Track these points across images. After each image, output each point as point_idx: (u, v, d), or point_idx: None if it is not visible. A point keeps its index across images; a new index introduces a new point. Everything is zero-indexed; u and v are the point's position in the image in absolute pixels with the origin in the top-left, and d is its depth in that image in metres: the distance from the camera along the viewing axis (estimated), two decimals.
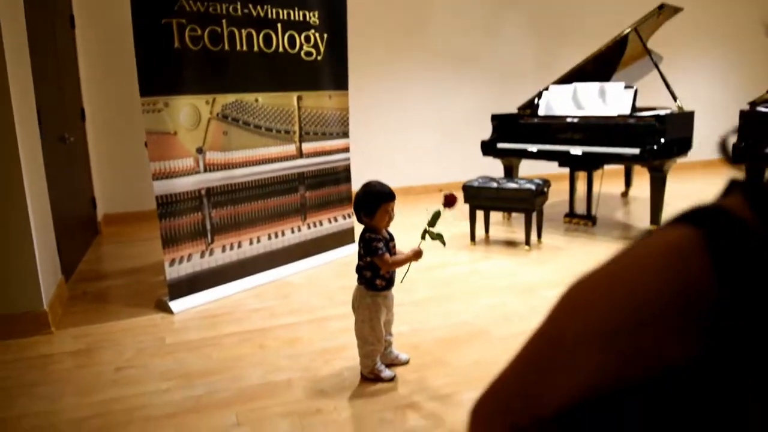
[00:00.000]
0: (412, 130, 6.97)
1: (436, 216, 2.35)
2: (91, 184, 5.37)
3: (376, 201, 2.32)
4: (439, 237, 2.33)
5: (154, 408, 2.31)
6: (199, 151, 3.45)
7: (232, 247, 3.68)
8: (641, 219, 5.25)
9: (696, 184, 7.06)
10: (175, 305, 3.34)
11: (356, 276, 2.43)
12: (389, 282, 2.39)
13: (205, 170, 3.49)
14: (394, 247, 2.41)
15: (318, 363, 2.64)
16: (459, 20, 6.99)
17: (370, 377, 2.44)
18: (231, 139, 3.61)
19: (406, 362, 2.59)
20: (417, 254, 2.32)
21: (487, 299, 3.37)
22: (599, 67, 5.18)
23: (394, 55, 6.77)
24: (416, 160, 7.01)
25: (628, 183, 6.37)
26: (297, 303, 3.42)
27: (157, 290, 3.58)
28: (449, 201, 2.38)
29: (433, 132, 7.08)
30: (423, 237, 2.33)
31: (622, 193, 6.41)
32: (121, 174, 5.69)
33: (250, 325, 3.11)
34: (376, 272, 2.35)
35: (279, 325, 3.09)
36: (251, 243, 3.79)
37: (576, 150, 4.65)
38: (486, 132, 5.32)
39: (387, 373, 2.44)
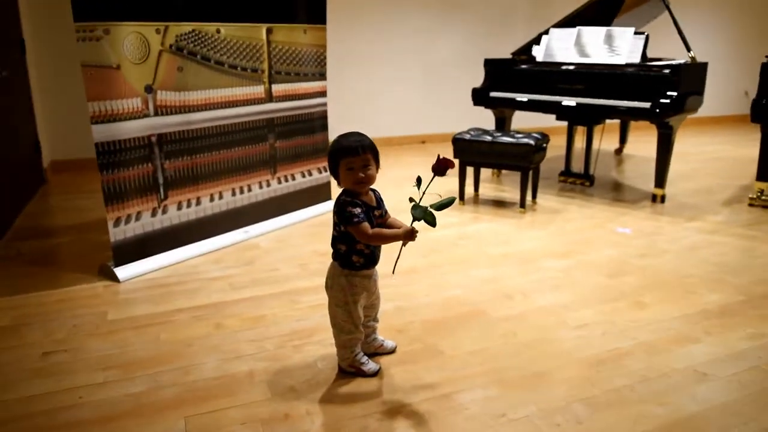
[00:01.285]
0: (392, 73, 6.40)
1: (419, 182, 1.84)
2: (34, 126, 4.75)
3: (333, 157, 1.87)
4: (427, 216, 1.80)
5: (85, 409, 1.86)
6: (148, 89, 2.90)
7: (189, 204, 3.18)
8: (641, 179, 4.87)
9: (702, 143, 6.72)
10: (121, 272, 2.86)
11: (330, 250, 1.98)
12: (370, 259, 1.94)
13: (156, 113, 2.95)
14: (382, 217, 1.95)
15: (287, 349, 2.21)
16: None
17: (349, 371, 2.03)
18: (187, 76, 3.06)
19: (393, 351, 2.18)
20: (409, 234, 1.84)
21: (481, 270, 2.96)
22: (600, 8, 4.68)
23: None
24: (397, 109, 6.48)
25: (623, 139, 5.99)
26: (263, 271, 2.97)
27: (104, 252, 3.09)
28: (441, 167, 1.85)
29: (416, 77, 6.53)
30: (413, 213, 1.85)
31: (616, 150, 6.03)
32: (72, 116, 5.06)
33: (206, 298, 2.66)
34: (353, 246, 1.90)
35: (240, 299, 2.64)
36: (212, 199, 3.29)
37: (577, 102, 4.20)
38: (473, 80, 4.83)
39: (370, 366, 2.03)
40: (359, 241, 1.88)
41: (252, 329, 2.37)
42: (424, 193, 1.82)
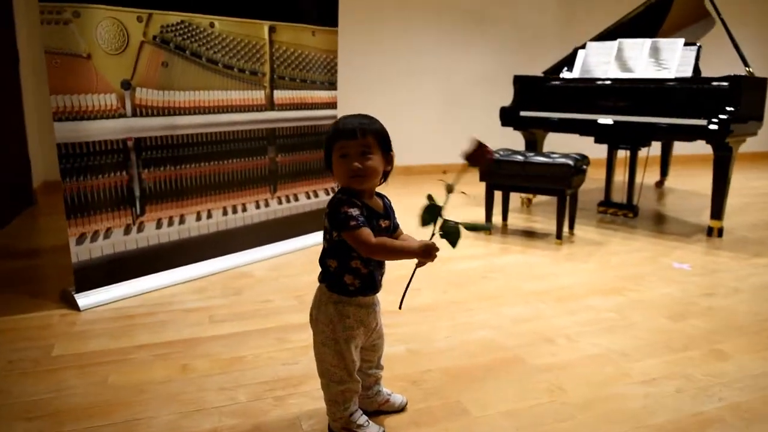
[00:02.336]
0: (410, 94, 5.98)
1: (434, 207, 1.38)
2: (24, 144, 4.39)
3: (327, 143, 1.41)
4: (450, 233, 1.35)
5: None
6: (126, 85, 2.49)
7: (171, 223, 2.73)
8: (689, 212, 4.33)
9: (748, 178, 6.13)
10: (83, 299, 2.40)
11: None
12: (368, 282, 1.44)
13: (135, 113, 2.53)
14: (390, 231, 1.46)
15: (264, 402, 1.70)
16: None
17: None
18: (173, 73, 2.65)
19: (403, 408, 1.66)
20: (427, 250, 1.34)
21: (513, 308, 2.44)
22: (641, 22, 4.24)
23: (391, 6, 5.79)
24: (416, 134, 6.04)
25: (664, 172, 5.45)
26: (250, 302, 2.48)
27: (71, 277, 2.63)
28: (478, 156, 1.40)
29: (437, 99, 6.11)
30: (440, 231, 1.36)
31: (657, 183, 5.50)
32: None
33: (175, 333, 2.17)
34: (346, 262, 1.41)
35: (217, 336, 2.15)
36: (199, 218, 2.84)
37: (615, 120, 3.71)
38: (498, 103, 4.36)
39: (370, 429, 1.51)
40: (355, 256, 1.39)
41: (225, 374, 1.87)
42: (448, 196, 1.35)
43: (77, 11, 2.29)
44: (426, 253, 1.34)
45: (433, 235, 1.36)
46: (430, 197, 1.38)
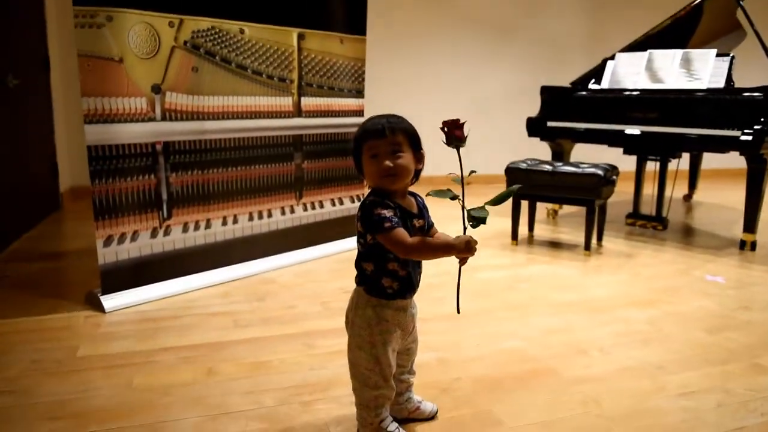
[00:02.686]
0: (436, 104, 5.95)
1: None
2: (52, 147, 4.45)
3: (356, 143, 1.39)
4: (479, 218, 1.32)
5: None
6: (156, 89, 2.50)
7: (197, 227, 2.72)
8: (720, 226, 4.23)
9: None
10: (109, 301, 2.40)
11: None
12: (407, 284, 1.41)
13: (164, 117, 2.54)
14: (425, 230, 1.43)
15: (292, 406, 1.67)
16: None
17: None
18: (203, 78, 2.66)
19: (433, 416, 1.61)
20: (466, 246, 1.31)
21: (543, 318, 2.39)
22: (672, 32, 4.18)
23: (419, 20, 5.79)
24: (441, 144, 5.99)
25: (692, 185, 5.34)
26: (275, 308, 2.46)
27: (97, 279, 2.63)
28: (451, 131, 1.37)
29: (464, 110, 6.08)
30: (469, 221, 1.33)
31: (685, 197, 5.39)
32: None
33: (201, 336, 2.15)
34: (383, 265, 1.38)
35: (243, 340, 2.12)
36: (224, 223, 2.83)
37: (643, 130, 3.65)
38: (524, 115, 4.31)
39: None
40: (391, 258, 1.36)
41: (251, 377, 1.84)
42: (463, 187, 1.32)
43: (110, 15, 2.31)
44: (466, 248, 1.31)
45: (465, 228, 1.33)
46: (454, 196, 1.35)
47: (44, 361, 1.94)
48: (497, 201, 1.34)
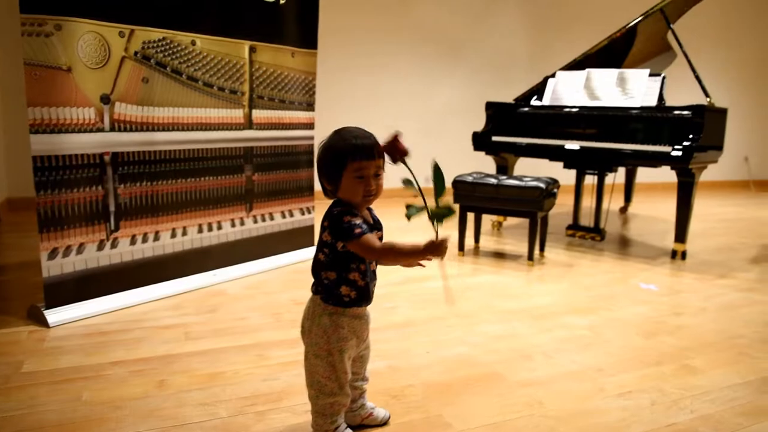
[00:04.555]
0: (386, 119, 6.03)
1: (439, 184, 1.41)
2: None
3: (340, 155, 1.38)
4: (442, 215, 1.38)
5: None
6: (105, 100, 2.47)
7: (145, 239, 2.69)
8: (653, 236, 4.46)
9: (709, 205, 6.35)
10: (53, 316, 2.34)
11: (312, 281, 1.50)
12: (364, 293, 1.46)
13: (113, 128, 2.51)
14: (381, 239, 1.48)
15: (246, 417, 1.68)
16: (447, 1, 6.18)
17: None
18: (153, 90, 2.64)
19: (386, 422, 1.66)
20: (434, 248, 1.35)
21: (490, 326, 2.47)
22: (608, 53, 4.41)
23: (370, 34, 5.89)
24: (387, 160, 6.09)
25: (628, 198, 5.62)
26: (227, 320, 2.46)
27: (39, 293, 2.56)
28: (393, 148, 1.39)
29: (412, 125, 6.20)
30: (433, 220, 1.39)
31: (621, 209, 5.65)
32: None
33: (151, 349, 2.13)
34: (344, 275, 1.42)
35: (195, 352, 2.12)
36: (173, 235, 2.81)
37: (581, 145, 3.84)
38: (471, 131, 4.45)
39: None
40: (354, 268, 1.40)
41: (204, 389, 1.84)
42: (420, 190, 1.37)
43: (59, 24, 2.28)
44: (434, 249, 1.35)
45: (436, 232, 1.37)
46: (408, 206, 1.40)
47: None
48: (438, 216, 1.38)
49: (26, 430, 1.58)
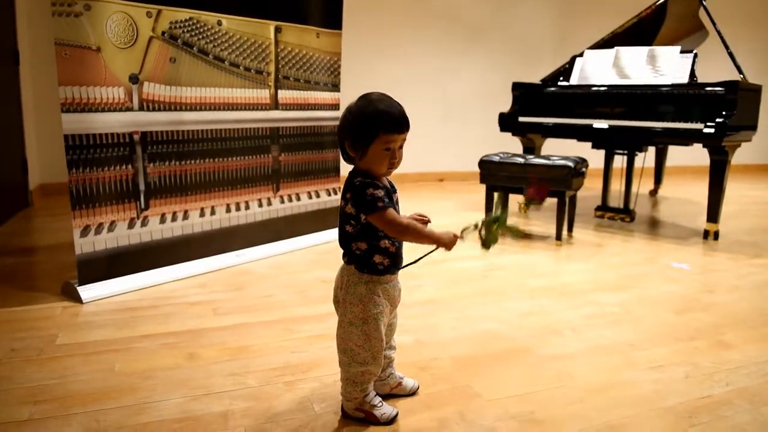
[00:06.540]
0: (409, 104, 6.01)
1: (494, 222, 1.47)
2: (22, 144, 4.38)
3: (371, 125, 1.36)
4: (488, 239, 1.46)
5: None
6: (134, 79, 2.50)
7: (174, 218, 2.72)
8: (684, 218, 4.37)
9: (741, 188, 6.21)
10: (86, 292, 2.38)
11: (341, 253, 1.49)
12: (396, 259, 1.46)
13: (141, 107, 2.54)
14: (397, 205, 1.47)
15: (275, 386, 1.70)
16: None
17: (356, 416, 1.50)
18: (180, 69, 2.66)
19: (414, 392, 1.66)
20: (449, 242, 1.40)
21: (518, 303, 2.45)
22: (638, 30, 4.31)
23: (394, 21, 5.85)
24: (413, 142, 6.05)
25: (658, 180, 5.51)
26: (254, 297, 2.48)
27: (72, 272, 2.61)
28: (539, 193, 1.53)
29: (436, 110, 6.16)
30: (475, 231, 1.45)
31: (651, 192, 5.55)
32: None
33: (180, 324, 2.16)
34: (375, 243, 1.42)
35: (223, 327, 2.14)
36: (202, 214, 2.84)
37: (610, 124, 3.77)
38: (495, 115, 4.40)
39: (384, 410, 1.51)
40: (382, 235, 1.40)
41: (233, 360, 1.86)
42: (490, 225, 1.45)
43: (88, 4, 2.30)
44: (450, 244, 1.40)
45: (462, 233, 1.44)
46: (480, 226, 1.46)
47: (23, 349, 1.92)
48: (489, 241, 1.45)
49: (61, 397, 1.62)
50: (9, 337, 2.02)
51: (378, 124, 1.36)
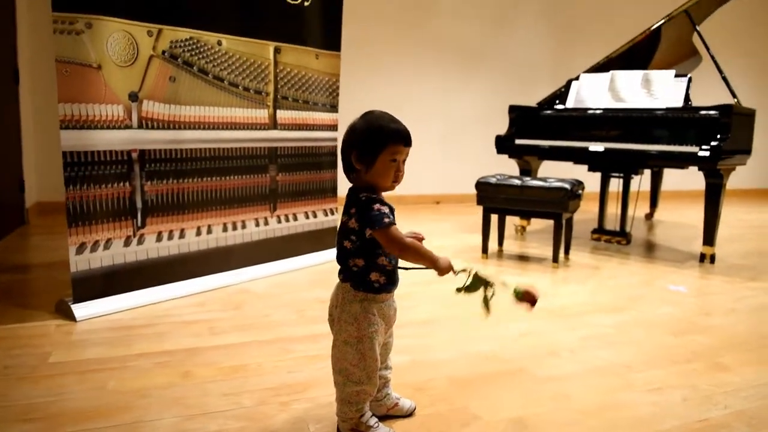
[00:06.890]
0: (408, 125, 6.06)
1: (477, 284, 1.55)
2: (19, 162, 4.38)
3: (380, 136, 1.39)
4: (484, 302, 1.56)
5: None
6: (133, 97, 2.51)
7: (171, 236, 2.72)
8: (680, 241, 4.38)
9: (737, 212, 6.24)
10: (80, 310, 2.37)
11: (338, 269, 1.49)
12: (392, 278, 1.46)
13: (140, 125, 2.55)
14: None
15: (270, 406, 1.68)
16: (467, 10, 6.19)
17: None
18: (180, 88, 2.68)
19: (411, 413, 1.64)
20: (444, 267, 1.43)
21: (515, 324, 2.44)
22: (633, 55, 4.36)
23: (392, 45, 5.92)
24: (411, 166, 6.08)
25: (653, 203, 5.53)
26: (250, 316, 2.46)
27: (66, 290, 2.59)
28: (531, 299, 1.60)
29: (434, 134, 6.20)
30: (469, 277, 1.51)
31: (647, 215, 5.57)
32: None
33: (175, 342, 2.14)
34: (373, 261, 1.42)
35: (219, 346, 2.12)
36: (198, 233, 2.83)
37: (606, 147, 3.80)
38: (493, 136, 4.43)
39: (381, 430, 1.49)
40: (380, 253, 1.40)
41: (228, 380, 1.84)
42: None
43: (89, 22, 2.33)
44: (444, 270, 1.43)
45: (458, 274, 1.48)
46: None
47: (16, 366, 1.90)
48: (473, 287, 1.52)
49: (53, 416, 1.60)
50: (2, 355, 2.00)
51: (386, 135, 1.40)
